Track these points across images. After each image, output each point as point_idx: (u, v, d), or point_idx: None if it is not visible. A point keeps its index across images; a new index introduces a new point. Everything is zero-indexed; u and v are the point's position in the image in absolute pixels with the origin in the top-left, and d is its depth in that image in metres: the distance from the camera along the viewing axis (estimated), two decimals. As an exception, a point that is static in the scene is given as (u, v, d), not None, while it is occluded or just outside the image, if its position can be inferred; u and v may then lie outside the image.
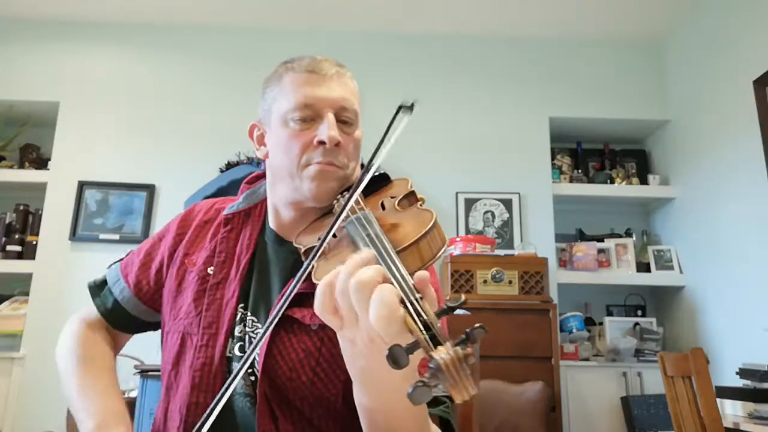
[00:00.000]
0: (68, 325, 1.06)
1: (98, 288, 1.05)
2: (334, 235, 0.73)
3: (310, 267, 0.64)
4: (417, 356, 0.48)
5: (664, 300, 3.55)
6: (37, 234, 3.30)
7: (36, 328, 3.10)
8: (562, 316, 3.24)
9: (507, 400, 2.64)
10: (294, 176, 0.86)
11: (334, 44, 3.62)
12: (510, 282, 2.97)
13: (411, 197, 0.79)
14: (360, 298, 0.53)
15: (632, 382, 3.01)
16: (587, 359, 3.13)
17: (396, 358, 0.47)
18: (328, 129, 0.83)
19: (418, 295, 0.52)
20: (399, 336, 0.50)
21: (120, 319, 1.03)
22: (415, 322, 0.50)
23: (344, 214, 0.67)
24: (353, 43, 3.67)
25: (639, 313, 3.51)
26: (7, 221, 3.35)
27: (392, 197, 0.80)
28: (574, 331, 3.22)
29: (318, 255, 0.65)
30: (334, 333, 0.64)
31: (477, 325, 0.48)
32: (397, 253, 0.60)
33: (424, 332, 0.49)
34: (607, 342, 3.21)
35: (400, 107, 0.72)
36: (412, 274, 0.55)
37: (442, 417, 0.79)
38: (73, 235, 3.28)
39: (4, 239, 3.31)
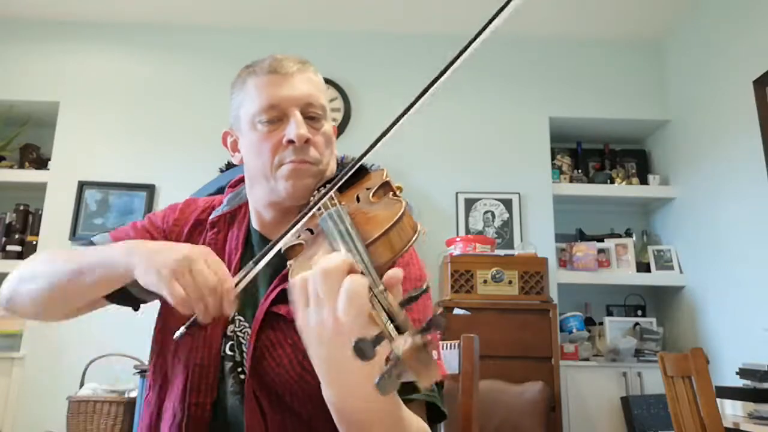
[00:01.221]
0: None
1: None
2: (311, 231, 0.74)
3: (272, 254, 0.66)
4: (383, 349, 0.49)
5: (664, 300, 3.55)
6: (37, 234, 3.29)
7: (36, 328, 3.09)
8: (562, 316, 3.24)
9: (507, 400, 2.64)
10: (269, 178, 0.86)
11: (334, 44, 3.62)
12: (510, 282, 2.96)
13: (386, 187, 0.79)
14: (328, 287, 0.53)
15: (632, 382, 3.00)
16: (587, 359, 3.13)
17: (362, 350, 0.47)
18: (296, 128, 0.84)
19: (382, 287, 0.53)
20: (366, 329, 0.50)
21: None
22: (379, 314, 0.50)
23: (313, 211, 0.68)
24: (353, 43, 3.67)
25: (639, 313, 3.51)
26: (7, 221, 3.35)
27: (368, 189, 0.80)
28: (574, 331, 3.21)
29: (278, 246, 0.66)
30: None
31: (438, 311, 0.50)
32: (368, 245, 0.61)
33: (388, 323, 0.49)
34: (607, 342, 3.21)
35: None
36: (385, 265, 0.56)
37: (429, 402, 0.80)
38: (73, 235, 3.28)
39: (4, 239, 3.31)
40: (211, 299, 0.69)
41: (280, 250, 0.80)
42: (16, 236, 3.32)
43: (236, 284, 0.65)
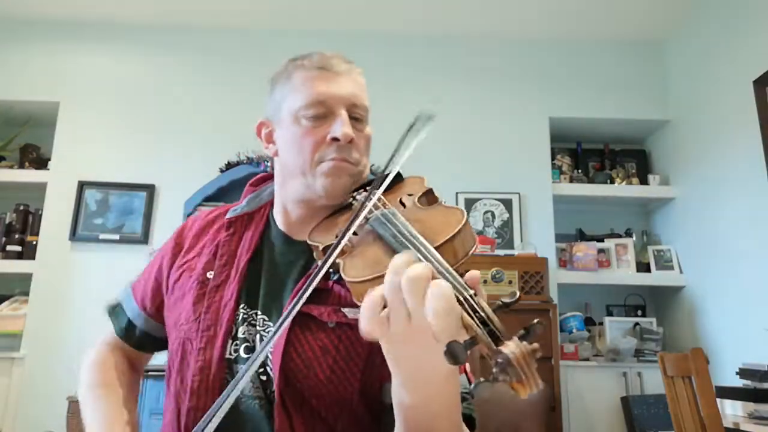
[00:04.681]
0: (90, 350, 1.05)
1: (113, 309, 1.05)
2: (355, 233, 0.72)
3: (329, 263, 0.64)
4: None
5: (664, 300, 3.55)
6: (37, 234, 3.29)
7: (36, 328, 3.10)
8: (562, 316, 3.24)
9: (507, 401, 2.64)
10: (306, 173, 0.85)
11: (334, 44, 3.58)
12: (510, 282, 2.97)
13: (430, 195, 0.78)
14: (414, 294, 0.51)
15: (632, 382, 3.00)
16: (587, 359, 3.13)
17: (455, 354, 0.46)
18: (342, 126, 0.83)
19: (471, 291, 0.52)
20: (454, 333, 0.49)
21: (134, 337, 1.02)
22: (472, 318, 0.49)
23: (365, 212, 0.67)
24: (353, 43, 3.66)
25: (639, 313, 3.51)
26: (7, 221, 3.35)
27: (409, 195, 0.79)
28: (574, 331, 3.21)
29: (337, 252, 0.64)
30: (352, 330, 0.63)
31: (535, 320, 0.49)
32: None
33: (482, 328, 0.48)
34: (607, 342, 3.21)
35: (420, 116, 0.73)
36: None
37: (465, 414, 0.79)
38: (73, 235, 3.28)
39: (4, 239, 3.30)
40: None
41: (316, 247, 0.79)
42: (16, 236, 3.32)
43: (293, 305, 0.63)
